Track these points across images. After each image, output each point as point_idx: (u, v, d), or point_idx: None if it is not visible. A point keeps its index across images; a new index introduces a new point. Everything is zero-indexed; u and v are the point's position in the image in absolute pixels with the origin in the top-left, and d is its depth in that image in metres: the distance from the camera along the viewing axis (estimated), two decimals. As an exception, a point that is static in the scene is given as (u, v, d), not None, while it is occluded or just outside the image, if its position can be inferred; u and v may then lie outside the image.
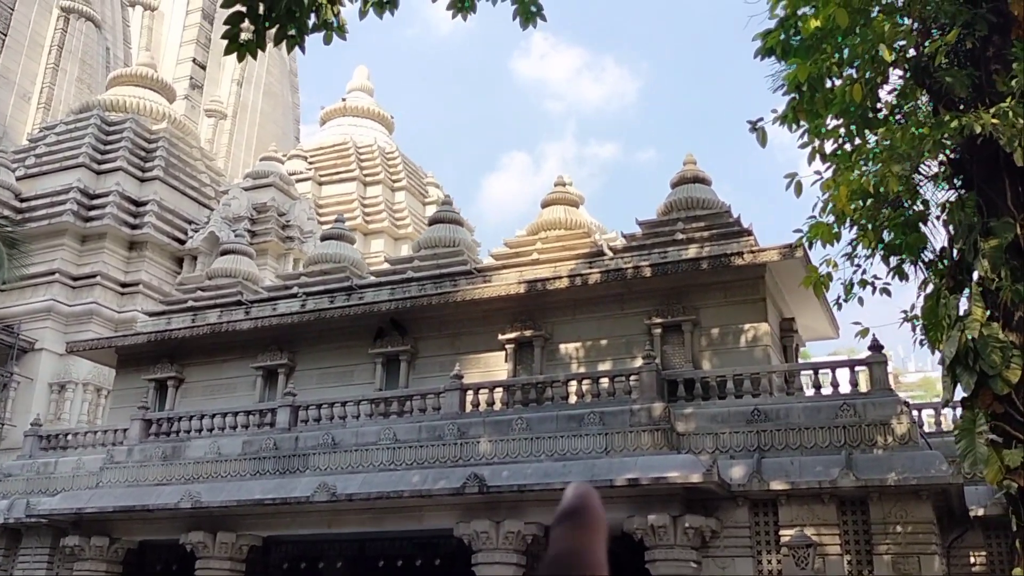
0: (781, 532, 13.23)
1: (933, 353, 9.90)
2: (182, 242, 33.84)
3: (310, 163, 43.14)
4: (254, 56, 9.37)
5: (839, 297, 10.68)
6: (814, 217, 10.56)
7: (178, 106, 42.12)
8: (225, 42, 8.80)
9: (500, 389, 15.93)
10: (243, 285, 21.69)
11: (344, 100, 47.94)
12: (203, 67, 52.63)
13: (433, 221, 21.79)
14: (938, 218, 10.82)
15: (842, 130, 10.65)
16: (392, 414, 16.39)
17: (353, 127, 45.87)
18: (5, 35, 41.19)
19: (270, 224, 34.66)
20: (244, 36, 9.10)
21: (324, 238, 22.92)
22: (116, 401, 21.87)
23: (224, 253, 23.72)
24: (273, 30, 9.21)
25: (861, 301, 10.77)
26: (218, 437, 16.98)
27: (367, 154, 43.24)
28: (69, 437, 19.92)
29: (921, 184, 10.87)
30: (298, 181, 40.17)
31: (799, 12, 10.56)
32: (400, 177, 43.41)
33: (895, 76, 10.79)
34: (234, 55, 9.02)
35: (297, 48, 9.42)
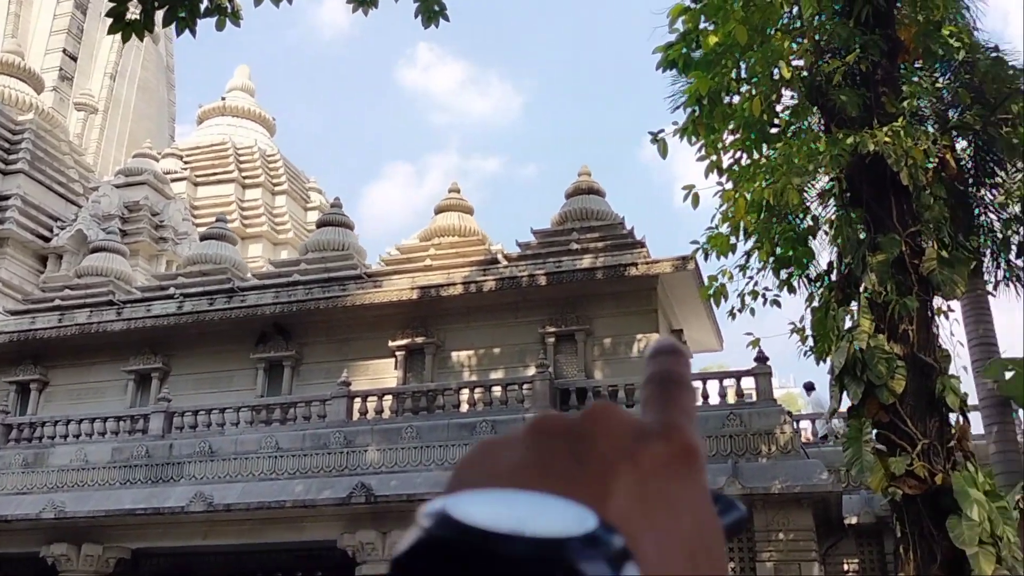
0: (668, 540, 13.37)
1: (819, 364, 10.20)
2: (47, 239, 31.93)
3: (186, 163, 41.55)
4: (140, 37, 8.86)
5: (733, 308, 10.90)
6: (712, 228, 10.77)
7: (46, 97, 39.88)
8: (98, 31, 8.33)
9: (389, 397, 15.61)
10: (115, 284, 20.58)
11: (224, 99, 46.45)
12: (74, 58, 50.04)
13: (321, 224, 21.25)
14: (826, 233, 11.23)
15: (740, 144, 10.93)
16: (275, 421, 15.82)
17: (232, 127, 44.45)
18: None
19: (143, 224, 33.13)
20: (130, 15, 8.61)
21: (204, 238, 22.03)
22: (-30, 405, 20.32)
23: (95, 251, 22.48)
24: (162, 11, 8.75)
25: (753, 312, 11.04)
26: (85, 444, 15.97)
27: (247, 156, 41.98)
28: (-85, 443, 18.36)
29: (810, 200, 11.28)
30: (173, 181, 38.60)
31: (700, 27, 10.79)
32: (281, 181, 42.32)
33: (787, 95, 11.17)
34: (109, 45, 8.51)
35: (173, 43, 9.00)
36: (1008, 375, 10.60)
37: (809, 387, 15.65)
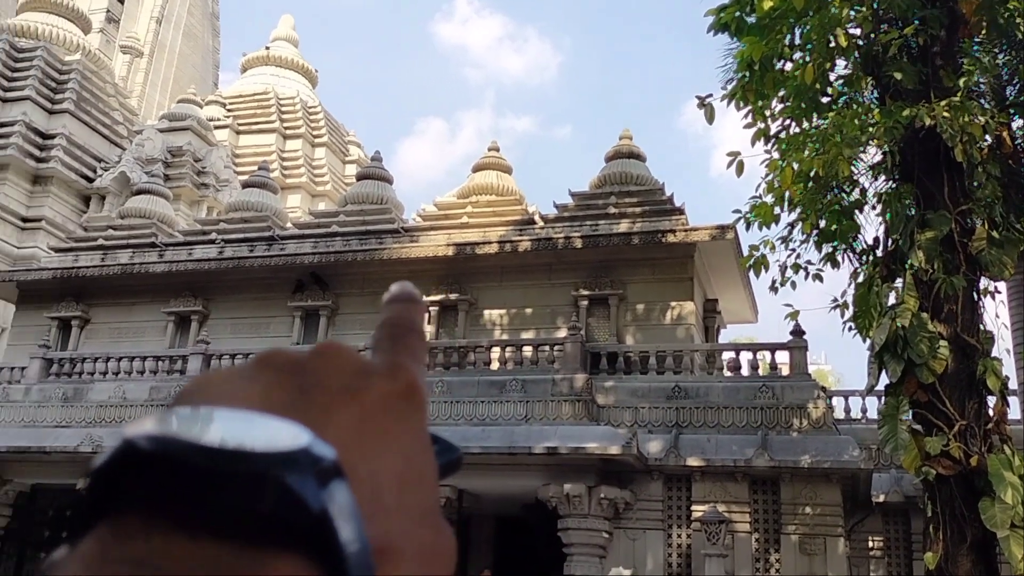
0: (693, 507, 13.44)
1: (864, 340, 10.10)
2: (90, 180, 32.34)
3: (229, 111, 41.67)
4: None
5: (774, 281, 10.80)
6: (757, 197, 10.65)
7: (92, 39, 40.12)
8: None
9: (422, 351, 15.69)
10: (157, 227, 20.83)
11: (267, 48, 46.41)
12: (121, 1, 50.24)
13: (361, 177, 21.30)
14: (873, 208, 11.05)
15: (790, 112, 10.75)
16: (309, 369, 15.98)
17: (275, 77, 44.44)
18: (-94, -56, 38.46)
19: (185, 169, 33.42)
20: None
21: (246, 185, 22.17)
22: (14, 339, 20.76)
23: (138, 193, 22.73)
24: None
25: (794, 285, 10.93)
26: (124, 381, 16.29)
27: (288, 106, 42.03)
28: (-40, 373, 18.83)
29: (859, 173, 11.09)
30: (216, 128, 38.79)
31: (755, -9, 10.56)
32: (321, 133, 42.37)
33: (841, 64, 10.95)
34: None
35: None
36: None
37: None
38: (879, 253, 10.55)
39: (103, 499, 0.33)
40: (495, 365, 15.25)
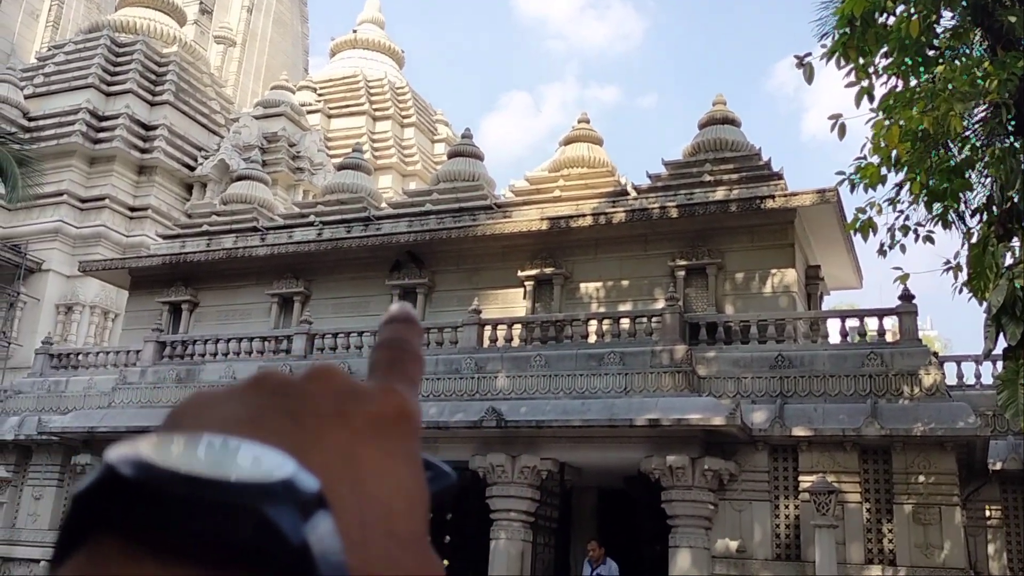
0: (800, 478, 13.19)
1: (980, 303, 9.70)
2: (191, 168, 33.44)
3: (319, 95, 42.43)
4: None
5: (882, 244, 10.43)
6: (861, 158, 10.29)
7: (187, 31, 41.32)
8: None
9: (519, 325, 15.78)
10: (258, 212, 21.42)
11: (355, 32, 47.02)
12: (213, -8, 51.50)
13: (452, 155, 21.44)
14: (986, 165, 10.56)
15: (895, 68, 10.33)
16: (409, 346, 16.23)
17: (363, 60, 45.01)
18: (13, -51, 40.19)
19: (281, 154, 34.24)
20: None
21: (341, 168, 22.58)
22: (128, 323, 21.71)
23: (239, 179, 23.40)
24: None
25: (903, 248, 10.55)
26: (233, 362, 16.86)
27: (377, 88, 42.54)
28: (80, 357, 19.81)
29: (969, 129, 10.60)
30: (308, 112, 39.58)
31: (855, -56, 10.16)
32: (410, 113, 42.78)
33: (947, 15, 10.45)
34: None
35: None
36: None
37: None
38: (993, 211, 10.10)
39: (83, 524, 0.34)
40: (592, 338, 15.21)
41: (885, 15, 10.34)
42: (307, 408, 0.39)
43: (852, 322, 14.38)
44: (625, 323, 15.07)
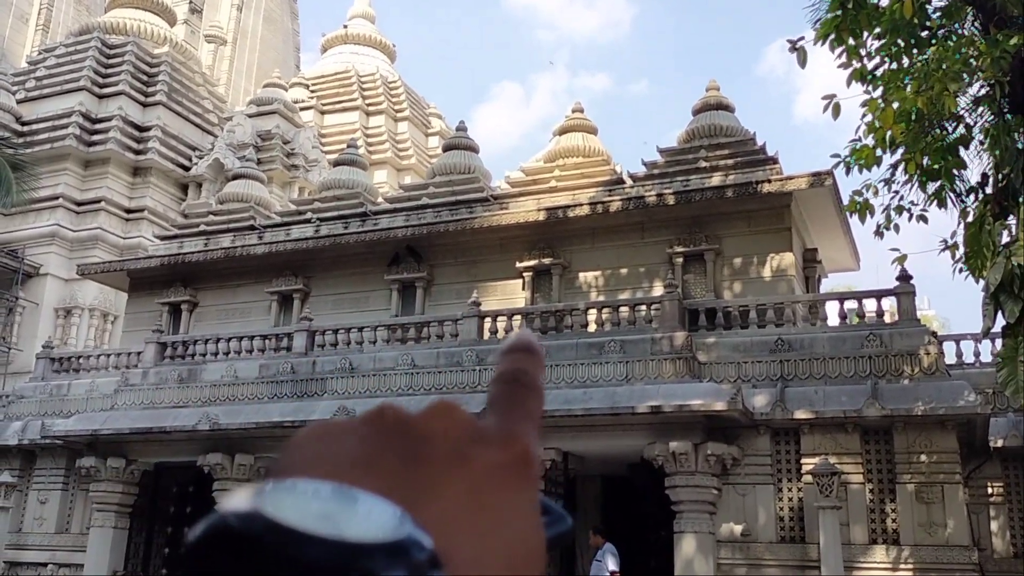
0: (803, 460, 13.26)
1: (977, 281, 9.74)
2: (186, 168, 33.41)
3: (312, 92, 42.38)
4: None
5: (879, 225, 10.46)
6: (856, 140, 10.31)
7: (178, 30, 41.19)
8: None
9: (518, 316, 15.81)
10: (255, 210, 21.43)
11: (346, 27, 46.89)
12: (202, -9, 51.34)
13: (447, 147, 21.44)
14: (980, 143, 10.59)
15: (887, 49, 10.34)
16: (409, 340, 16.30)
17: (355, 55, 44.91)
18: (0, -47, 40.05)
19: (275, 152, 34.21)
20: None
21: (336, 164, 22.57)
22: (128, 325, 21.74)
23: (235, 178, 23.40)
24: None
25: (897, 229, 10.58)
26: (234, 360, 16.89)
27: (369, 83, 42.48)
28: (82, 360, 19.83)
29: (963, 108, 10.62)
30: (301, 109, 39.54)
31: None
32: (403, 107, 42.73)
33: (940, -6, 10.47)
34: None
35: None
36: None
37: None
38: (988, 190, 10.14)
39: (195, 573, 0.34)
40: (592, 327, 15.25)
41: (877, -4, 10.35)
42: (426, 451, 0.38)
43: (851, 304, 14.43)
44: (624, 311, 15.10)
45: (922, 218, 10.68)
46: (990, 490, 14.29)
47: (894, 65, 10.28)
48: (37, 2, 41.24)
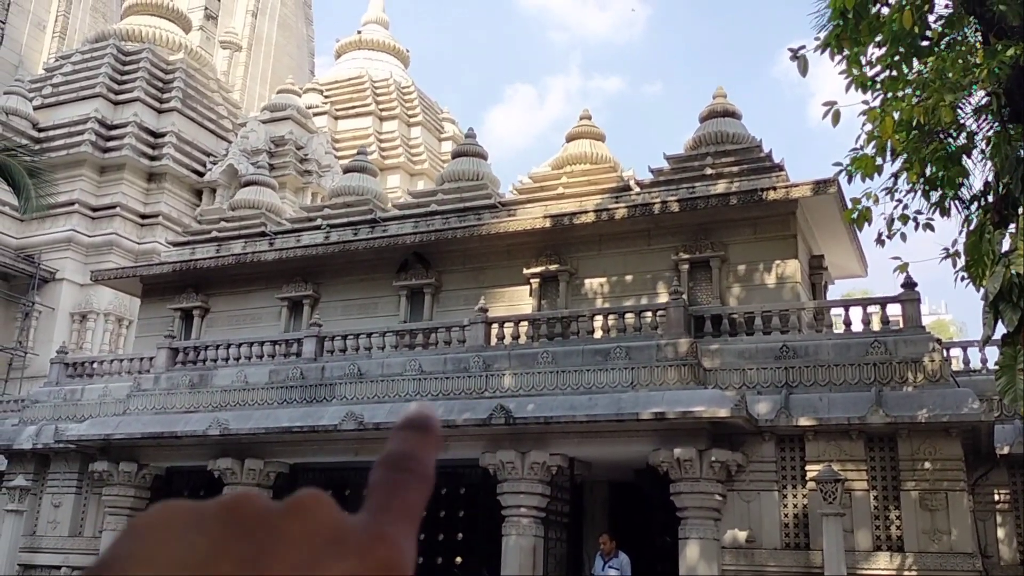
0: (807, 467, 13.29)
1: (978, 289, 9.77)
2: (200, 174, 33.72)
3: (326, 97, 42.65)
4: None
5: (880, 233, 10.50)
6: (857, 149, 10.36)
7: (193, 37, 41.58)
8: None
9: (525, 323, 15.91)
10: (266, 216, 21.63)
11: (359, 33, 47.18)
12: (217, -2, 51.78)
13: (456, 155, 21.59)
14: (982, 152, 10.61)
15: (887, 59, 10.39)
16: (417, 346, 16.43)
17: (368, 61, 45.18)
18: (18, -39, 40.53)
19: (288, 158, 34.48)
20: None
21: (347, 171, 22.75)
22: (141, 330, 21.99)
23: (246, 184, 23.62)
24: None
25: (904, 237, 10.61)
26: (245, 366, 17.07)
27: (383, 88, 42.72)
28: (95, 365, 20.08)
29: (964, 117, 10.65)
30: (315, 115, 39.81)
31: (846, -64, 10.21)
32: (416, 112, 42.94)
33: (940, 3, 10.50)
34: None
35: None
36: None
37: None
38: (990, 199, 10.16)
39: None
40: (598, 333, 15.33)
41: (878, 5, 10.39)
42: (273, 557, 0.35)
43: (856, 311, 14.45)
44: (630, 318, 15.18)
45: (928, 226, 10.71)
46: (997, 497, 14.26)
47: (894, 74, 10.33)
48: (54, 9, 41.72)
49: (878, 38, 10.33)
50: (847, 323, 14.39)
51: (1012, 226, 9.68)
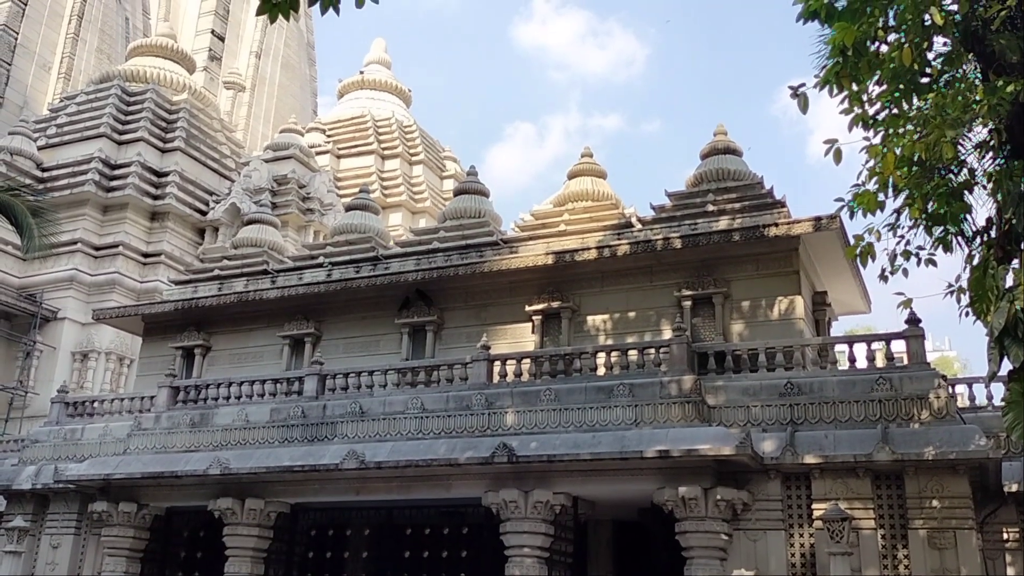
0: (814, 506, 13.14)
1: (986, 324, 9.71)
2: (203, 213, 33.85)
3: (328, 136, 42.97)
4: (287, 17, 9.13)
5: (883, 269, 10.48)
6: (859, 185, 10.37)
7: (197, 77, 42.00)
8: (243, 11, 8.65)
9: (528, 360, 15.84)
10: (268, 254, 21.66)
11: (362, 73, 47.65)
12: (221, 38, 52.30)
13: (458, 192, 21.66)
14: (984, 187, 10.62)
15: (888, 95, 10.43)
16: (419, 383, 16.35)
17: (371, 100, 45.59)
18: (25, 4, 41.05)
19: (291, 196, 34.63)
20: (277, -5, 8.89)
21: (349, 208, 22.83)
22: (142, 369, 21.91)
23: (249, 223, 23.69)
24: (308, -11, 9.01)
25: (906, 273, 10.58)
26: (246, 405, 16.97)
27: (385, 128, 43.05)
28: (96, 404, 19.98)
29: (966, 153, 10.67)
30: (317, 154, 40.09)
31: (844, -25, 10.29)
32: (418, 151, 43.22)
33: (939, 41, 10.57)
34: (253, 25, 8.83)
35: (313, 20, 9.22)
36: None
37: None
38: (992, 234, 10.15)
39: None
40: (601, 370, 15.26)
41: (877, 43, 10.45)
42: None
43: (860, 347, 14.38)
44: (633, 355, 15.11)
45: (931, 262, 10.67)
46: (1005, 535, 14.08)
47: (895, 111, 10.37)
48: (59, 51, 42.16)
49: (878, 75, 10.39)
50: (852, 359, 14.31)
51: (1016, 262, 9.65)
